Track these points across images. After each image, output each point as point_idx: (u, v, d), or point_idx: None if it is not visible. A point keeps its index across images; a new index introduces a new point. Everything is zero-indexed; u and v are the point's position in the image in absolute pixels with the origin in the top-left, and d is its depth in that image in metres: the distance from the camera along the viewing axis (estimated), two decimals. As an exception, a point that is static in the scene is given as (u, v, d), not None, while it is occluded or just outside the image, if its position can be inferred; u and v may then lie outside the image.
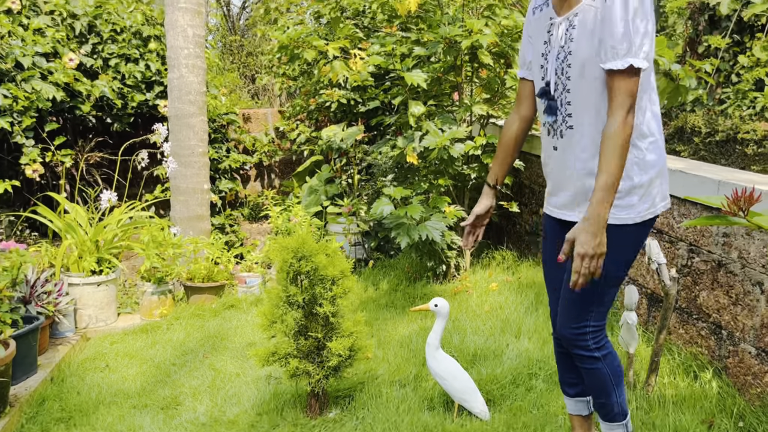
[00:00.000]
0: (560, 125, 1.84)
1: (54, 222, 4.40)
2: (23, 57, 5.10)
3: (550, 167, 1.96)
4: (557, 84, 1.81)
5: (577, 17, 1.75)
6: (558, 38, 1.80)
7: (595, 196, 1.64)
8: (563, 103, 1.81)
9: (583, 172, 1.82)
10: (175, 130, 5.29)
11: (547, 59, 1.84)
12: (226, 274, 4.68)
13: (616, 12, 1.63)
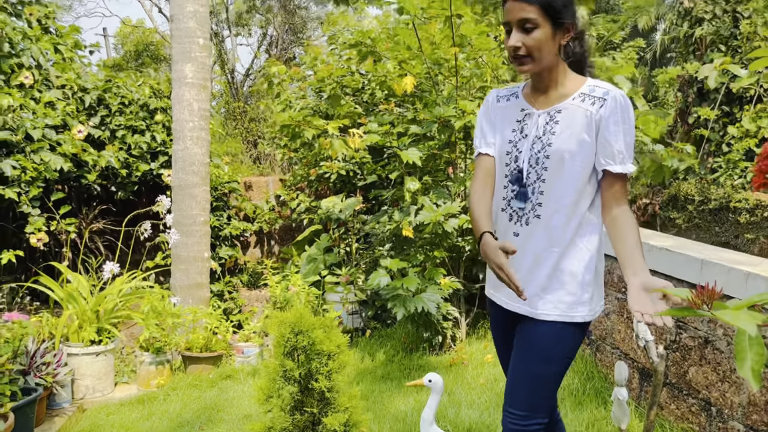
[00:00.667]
0: (528, 213, 1.84)
1: (56, 291, 4.47)
2: (33, 129, 5.28)
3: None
4: (530, 173, 1.84)
5: (560, 114, 1.81)
6: (536, 129, 1.84)
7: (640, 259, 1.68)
8: (535, 192, 1.83)
9: (548, 263, 1.82)
10: (178, 200, 5.43)
11: (518, 147, 1.87)
12: (224, 344, 4.72)
13: (617, 122, 1.74)
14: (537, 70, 1.80)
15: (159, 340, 4.46)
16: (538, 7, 1.72)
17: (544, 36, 1.74)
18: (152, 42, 16.47)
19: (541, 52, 1.76)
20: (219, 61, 15.77)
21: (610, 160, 1.76)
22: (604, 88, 1.79)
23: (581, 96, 1.81)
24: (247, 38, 16.86)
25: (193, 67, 5.48)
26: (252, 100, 15.48)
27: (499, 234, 1.95)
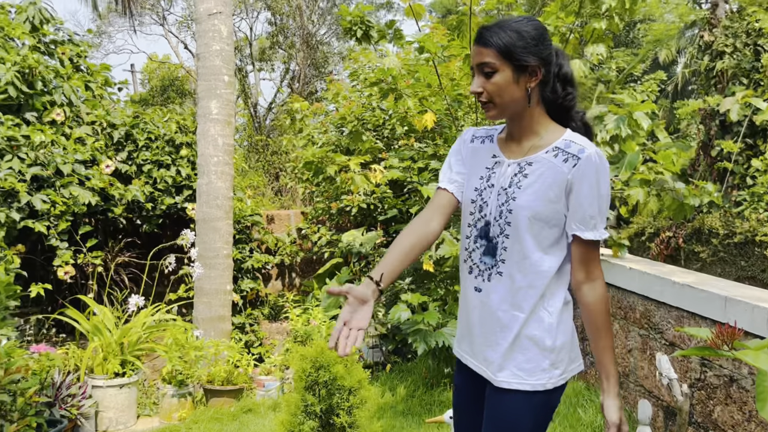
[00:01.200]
0: (491, 268, 1.74)
1: (82, 324, 4.54)
2: (64, 164, 5.43)
3: (467, 309, 1.82)
4: (494, 226, 1.73)
5: (531, 166, 1.69)
6: (503, 179, 1.73)
7: (606, 359, 1.68)
8: (499, 247, 1.71)
9: (513, 328, 1.70)
10: (202, 233, 5.52)
11: (483, 196, 1.76)
12: (245, 377, 4.74)
13: (591, 185, 1.62)
14: (501, 116, 1.70)
15: (181, 373, 4.50)
16: (494, 50, 1.63)
17: (503, 80, 1.63)
18: (177, 77, 16.87)
19: (502, 97, 1.65)
20: (242, 95, 16.10)
21: (581, 225, 1.64)
22: (579, 145, 1.65)
23: (555, 150, 1.67)
24: (269, 73, 17.21)
25: (218, 103, 5.62)
26: (274, 134, 15.75)
27: (461, 287, 1.86)
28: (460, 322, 1.88)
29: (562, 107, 1.72)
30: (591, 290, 1.68)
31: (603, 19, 3.99)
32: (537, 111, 1.70)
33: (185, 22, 16.92)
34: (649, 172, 3.72)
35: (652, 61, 12.87)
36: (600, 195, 1.63)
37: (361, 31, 4.36)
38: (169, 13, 16.93)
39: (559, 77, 1.68)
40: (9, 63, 5.36)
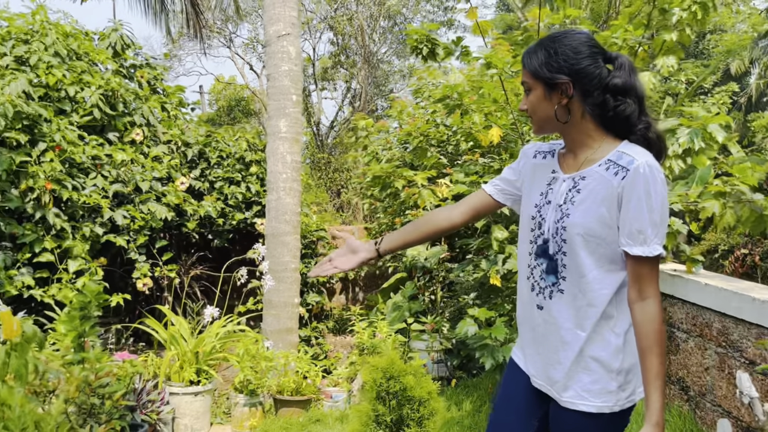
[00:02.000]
0: (553, 287, 1.72)
1: (160, 333, 4.75)
2: (142, 182, 5.71)
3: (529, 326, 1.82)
4: (552, 243, 1.72)
5: (584, 180, 1.67)
6: (558, 195, 1.72)
7: (650, 385, 1.57)
8: (560, 264, 1.70)
9: (575, 347, 1.69)
10: (271, 248, 5.69)
11: (541, 213, 1.76)
12: (314, 388, 4.84)
13: (639, 197, 1.58)
14: (542, 131, 1.76)
15: (252, 383, 4.64)
16: (528, 71, 1.71)
17: (535, 98, 1.70)
18: (243, 97, 17.42)
19: (537, 113, 1.71)
20: (305, 113, 16.47)
21: (629, 240, 1.58)
22: (630, 156, 1.60)
23: (607, 163, 1.64)
24: (331, 92, 17.55)
25: (286, 122, 5.81)
26: (336, 152, 16.04)
27: (521, 304, 1.85)
28: (523, 339, 1.86)
29: (617, 119, 1.66)
30: (641, 309, 1.60)
31: (673, 31, 3.94)
32: (587, 125, 1.68)
33: (251, 44, 17.49)
34: (724, 184, 3.63)
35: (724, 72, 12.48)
36: (651, 208, 1.56)
37: (427, 48, 4.44)
38: (236, 35, 17.54)
39: (608, 88, 1.64)
40: (94, 86, 5.70)
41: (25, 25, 5.75)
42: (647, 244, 1.57)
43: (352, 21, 15.84)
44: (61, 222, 5.08)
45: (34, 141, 5.06)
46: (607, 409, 1.65)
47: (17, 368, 2.39)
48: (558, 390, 1.71)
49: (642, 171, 1.56)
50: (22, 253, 4.95)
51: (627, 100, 1.64)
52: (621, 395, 1.66)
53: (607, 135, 1.69)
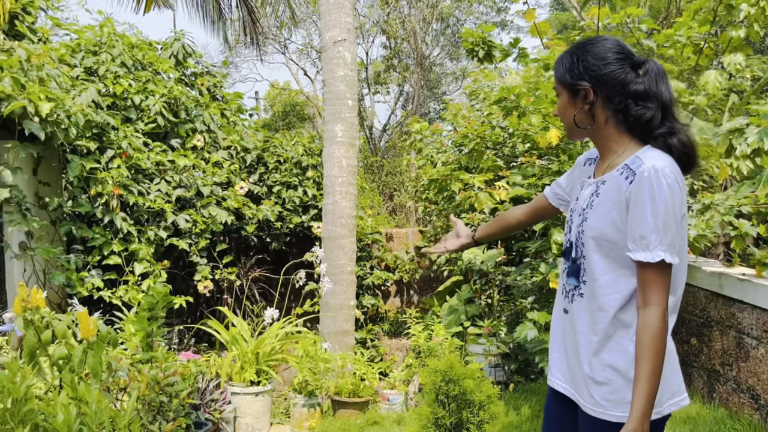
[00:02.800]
0: (574, 290, 1.75)
1: (222, 334, 4.87)
2: (204, 186, 5.88)
3: (559, 331, 1.85)
4: (576, 247, 1.75)
5: (604, 185, 1.69)
6: (582, 200, 1.76)
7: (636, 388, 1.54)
8: (581, 268, 1.72)
9: (589, 350, 1.69)
10: (327, 250, 5.76)
11: (572, 218, 1.80)
12: (371, 390, 4.87)
13: (643, 202, 1.56)
14: (572, 137, 1.81)
15: (310, 384, 4.70)
16: (556, 77, 1.78)
17: (561, 104, 1.77)
18: (297, 103, 17.68)
19: (564, 118, 1.78)
20: (358, 117, 16.61)
21: (633, 245, 1.58)
22: (641, 161, 1.60)
23: (623, 167, 1.64)
24: (384, 96, 17.63)
25: (342, 126, 5.87)
26: (389, 155, 16.11)
27: (555, 308, 1.89)
28: (551, 346, 1.89)
29: (638, 124, 1.66)
30: (642, 316, 1.57)
31: (741, 28, 3.81)
32: (611, 130, 1.70)
33: (305, 50, 17.75)
34: (796, 186, 3.49)
35: (792, 68, 11.94)
36: (655, 213, 1.54)
37: (483, 51, 4.43)
38: (290, 41, 17.85)
39: (629, 94, 1.64)
40: (158, 95, 5.90)
41: (94, 38, 6.00)
42: (650, 250, 1.55)
43: (404, 24, 15.89)
44: (128, 226, 5.27)
45: (103, 148, 5.27)
46: (626, 418, 1.59)
47: (92, 366, 2.51)
48: (582, 394, 1.71)
49: (647, 175, 1.55)
50: (92, 256, 5.17)
51: (648, 105, 1.64)
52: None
53: (632, 140, 1.68)
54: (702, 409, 3.93)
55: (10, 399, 2.30)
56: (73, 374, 2.42)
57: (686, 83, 4.25)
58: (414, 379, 5.25)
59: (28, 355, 2.53)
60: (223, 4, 10.83)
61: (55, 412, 2.21)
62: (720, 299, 3.95)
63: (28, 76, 4.48)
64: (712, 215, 3.76)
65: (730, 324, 3.84)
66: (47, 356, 2.62)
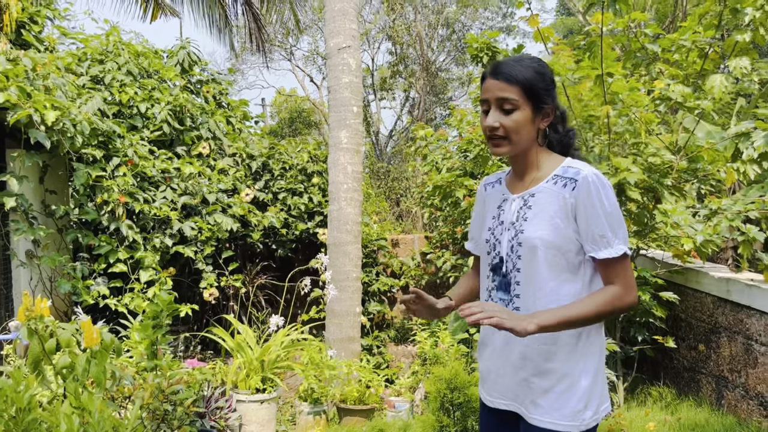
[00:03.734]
0: (508, 305, 1.75)
1: (227, 341, 4.86)
2: (209, 194, 5.89)
3: (490, 350, 1.83)
4: (507, 262, 1.75)
5: (534, 197, 1.73)
6: (509, 214, 1.78)
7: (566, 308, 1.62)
8: (513, 282, 1.74)
9: (537, 361, 1.70)
10: (333, 257, 5.75)
11: (495, 234, 1.80)
12: (377, 397, 4.85)
13: (593, 204, 1.64)
14: (512, 153, 1.74)
15: (316, 391, 4.69)
16: (519, 88, 1.67)
17: (523, 119, 1.68)
18: (304, 109, 17.72)
19: (519, 134, 1.69)
20: (364, 123, 16.63)
21: (594, 246, 1.65)
22: (576, 168, 1.69)
23: (554, 178, 1.71)
24: (390, 101, 17.65)
25: (347, 133, 5.87)
26: (395, 161, 16.11)
27: (483, 329, 1.88)
28: (483, 362, 1.88)
29: (564, 145, 1.79)
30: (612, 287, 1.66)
31: (746, 31, 3.79)
32: (541, 148, 1.77)
33: (311, 57, 17.81)
34: (804, 190, 3.46)
35: (800, 71, 11.88)
36: (607, 213, 1.64)
37: (488, 57, 4.42)
38: (297, 48, 17.90)
39: (560, 115, 1.79)
40: (163, 102, 5.92)
41: (100, 46, 6.03)
42: (612, 246, 1.64)
43: (410, 30, 15.91)
44: (134, 233, 5.28)
45: (109, 156, 5.29)
46: (575, 428, 1.67)
47: (96, 375, 2.50)
48: (527, 407, 1.71)
49: (591, 180, 1.65)
50: (97, 264, 5.18)
51: (570, 127, 1.82)
52: (587, 414, 1.68)
53: (552, 154, 1.78)
54: (711, 416, 3.89)
55: (14, 408, 2.30)
56: (77, 383, 2.42)
57: (692, 88, 4.22)
58: (420, 386, 5.23)
59: (32, 364, 2.53)
60: (229, 11, 10.88)
61: (58, 422, 2.21)
62: (728, 305, 3.92)
63: (34, 85, 4.51)
64: (720, 220, 3.73)
65: (738, 330, 3.80)
66: (51, 365, 2.62)
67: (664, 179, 4.00)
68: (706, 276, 4.12)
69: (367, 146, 16.51)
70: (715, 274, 4.02)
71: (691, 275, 4.30)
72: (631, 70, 4.66)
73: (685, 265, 4.26)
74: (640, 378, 4.89)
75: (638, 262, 4.77)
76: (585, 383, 1.68)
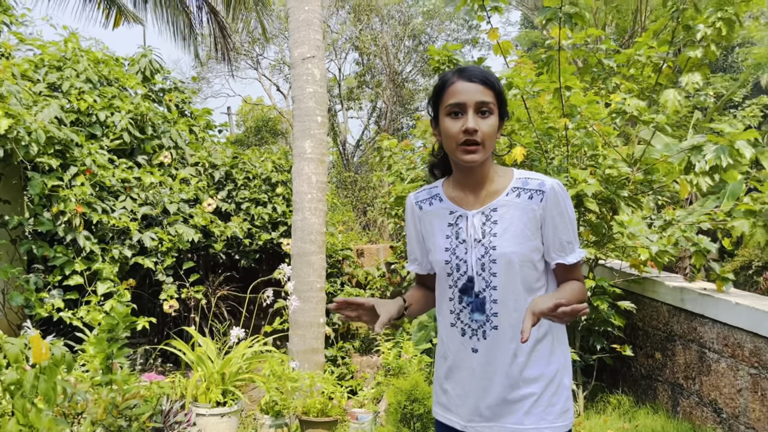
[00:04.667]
0: (485, 325, 1.67)
1: (187, 354, 4.79)
2: (170, 204, 5.81)
3: (466, 373, 1.72)
4: (479, 281, 1.68)
5: (497, 212, 1.68)
6: (473, 231, 1.70)
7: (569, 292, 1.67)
8: (489, 301, 1.66)
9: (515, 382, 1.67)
10: (297, 267, 5.72)
11: (457, 254, 1.71)
12: (339, 409, 4.82)
13: (561, 213, 1.66)
14: (481, 160, 1.64)
15: (278, 404, 4.64)
16: (494, 93, 1.64)
17: (495, 125, 1.64)
18: (270, 118, 17.63)
19: (492, 141, 1.63)
20: (331, 133, 16.62)
21: (561, 253, 1.68)
22: (537, 179, 1.67)
23: (515, 190, 1.68)
24: (357, 111, 17.69)
25: (311, 143, 5.86)
26: (362, 170, 16.12)
27: (452, 352, 1.75)
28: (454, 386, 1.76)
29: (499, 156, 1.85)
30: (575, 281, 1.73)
31: (698, 48, 3.90)
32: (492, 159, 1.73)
33: (278, 66, 17.75)
34: (754, 202, 3.56)
35: (754, 85, 12.30)
36: (571, 220, 1.69)
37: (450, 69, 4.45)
38: (263, 57, 17.82)
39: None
40: (124, 111, 5.83)
41: (58, 53, 5.92)
42: (575, 251, 1.70)
43: (376, 41, 15.98)
44: (91, 244, 5.17)
45: (66, 165, 5.18)
46: (565, 428, 1.69)
47: (45, 391, 2.43)
48: (520, 420, 1.66)
49: (558, 190, 1.67)
50: (52, 276, 5.06)
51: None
52: (571, 411, 1.71)
53: (499, 167, 1.74)
54: (667, 423, 3.96)
55: (-43, 427, 2.22)
56: (25, 400, 2.35)
57: (647, 101, 4.33)
58: (383, 397, 5.22)
59: (-22, 381, 2.45)
60: (194, 19, 10.79)
61: (3, 440, 2.14)
62: (682, 314, 4.01)
63: (-13, 92, 4.40)
64: (674, 231, 3.82)
65: (693, 338, 3.89)
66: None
67: (621, 191, 4.08)
68: (662, 285, 4.20)
69: (334, 156, 16.50)
70: (670, 284, 4.10)
71: (648, 285, 4.39)
72: (590, 83, 4.75)
73: (642, 275, 4.34)
74: (599, 386, 4.95)
75: (597, 271, 4.85)
76: (567, 381, 1.72)
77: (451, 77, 1.65)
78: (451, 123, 1.62)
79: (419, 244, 1.86)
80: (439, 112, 1.68)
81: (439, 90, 1.68)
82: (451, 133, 1.62)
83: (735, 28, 3.76)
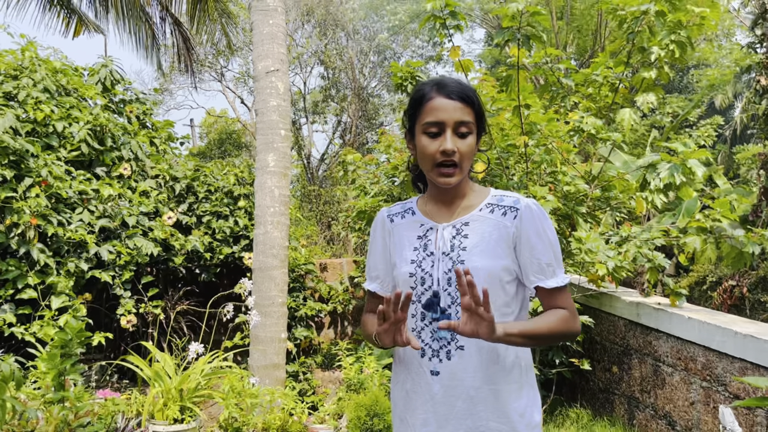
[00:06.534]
0: (449, 344, 1.58)
1: (144, 370, 4.68)
2: (129, 216, 5.70)
3: (424, 399, 1.61)
4: (444, 296, 1.59)
5: (468, 226, 1.62)
6: (441, 244, 1.63)
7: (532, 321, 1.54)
8: (454, 317, 1.57)
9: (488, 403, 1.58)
10: (258, 282, 5.66)
11: (423, 267, 1.63)
12: (300, 425, 4.77)
13: (538, 232, 1.59)
14: (457, 183, 1.60)
15: (237, 420, 4.57)
16: (472, 110, 1.59)
17: (473, 144, 1.60)
18: (234, 131, 17.51)
19: (469, 161, 1.60)
20: (296, 146, 16.57)
21: (540, 276, 1.58)
22: (512, 197, 1.63)
23: (489, 206, 1.64)
24: (322, 125, 17.70)
25: (275, 156, 5.83)
26: (326, 184, 16.11)
27: (409, 376, 1.66)
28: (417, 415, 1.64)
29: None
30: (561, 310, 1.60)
31: (652, 69, 4.02)
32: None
33: (242, 78, 17.66)
34: (706, 219, 3.67)
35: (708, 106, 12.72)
36: (550, 241, 1.59)
37: (411, 86, 4.50)
38: (227, 69, 17.72)
39: None
40: (82, 122, 5.72)
41: (15, 62, 5.79)
42: (557, 276, 1.59)
43: (342, 55, 16.04)
44: (46, 258, 5.04)
45: (21, 176, 5.05)
46: None
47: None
48: None
49: (534, 208, 1.60)
50: (4, 290, 4.91)
51: None
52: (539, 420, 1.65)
53: (473, 184, 1.70)
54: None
55: None
56: (-30, 419, 2.27)
57: (605, 120, 4.43)
58: (344, 412, 5.18)
59: None
60: (156, 30, 10.67)
61: (-54, 462, 2.06)
62: (638, 328, 4.09)
63: (-62, 100, 4.27)
64: (629, 247, 3.90)
65: (648, 352, 3.97)
66: (-57, 400, 2.45)
67: (580, 207, 4.16)
68: (619, 300, 4.29)
69: (298, 169, 16.45)
70: (626, 299, 4.19)
71: (605, 299, 4.47)
72: (549, 101, 4.85)
73: (600, 290, 4.43)
74: (558, 400, 5.01)
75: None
76: (537, 419, 1.64)
77: (429, 91, 1.59)
78: (428, 142, 1.57)
79: (384, 259, 1.76)
80: (416, 128, 1.62)
81: (416, 104, 1.62)
82: (427, 152, 1.57)
83: (687, 50, 3.89)
